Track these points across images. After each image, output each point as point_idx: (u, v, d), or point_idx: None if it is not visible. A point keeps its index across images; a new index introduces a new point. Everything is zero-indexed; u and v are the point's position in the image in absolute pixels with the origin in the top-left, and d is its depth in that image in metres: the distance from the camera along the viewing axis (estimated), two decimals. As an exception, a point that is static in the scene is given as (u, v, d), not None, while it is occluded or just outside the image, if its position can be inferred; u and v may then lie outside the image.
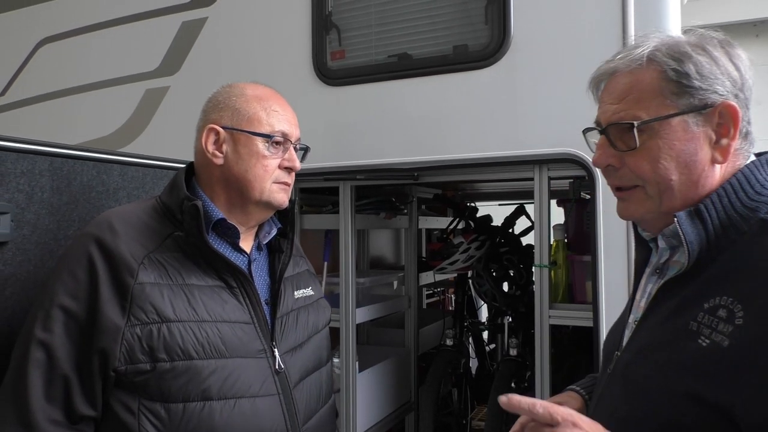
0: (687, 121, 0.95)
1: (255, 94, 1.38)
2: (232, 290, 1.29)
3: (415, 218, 3.42)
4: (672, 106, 0.95)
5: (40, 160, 1.46)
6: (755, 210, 0.92)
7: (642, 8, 2.06)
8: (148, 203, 1.34)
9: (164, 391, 1.17)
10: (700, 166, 0.95)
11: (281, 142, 1.35)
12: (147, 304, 1.18)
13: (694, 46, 0.97)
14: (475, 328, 3.81)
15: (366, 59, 2.54)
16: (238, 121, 1.34)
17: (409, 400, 3.33)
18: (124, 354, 1.15)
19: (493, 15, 2.31)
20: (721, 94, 0.94)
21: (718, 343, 0.86)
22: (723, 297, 0.88)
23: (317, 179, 2.64)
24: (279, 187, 1.36)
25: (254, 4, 2.72)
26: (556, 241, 2.45)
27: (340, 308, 2.68)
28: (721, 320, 0.87)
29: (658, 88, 0.96)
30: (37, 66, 3.31)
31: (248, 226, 1.38)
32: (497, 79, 2.28)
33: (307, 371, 1.40)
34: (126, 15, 3.01)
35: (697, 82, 0.94)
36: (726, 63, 0.96)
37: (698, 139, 0.95)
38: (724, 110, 0.94)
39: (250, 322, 1.29)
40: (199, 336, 1.20)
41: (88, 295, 1.17)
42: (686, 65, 0.95)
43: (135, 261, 1.20)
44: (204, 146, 1.33)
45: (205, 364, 1.19)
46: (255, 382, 1.25)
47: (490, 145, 2.28)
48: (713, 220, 0.94)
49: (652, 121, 0.96)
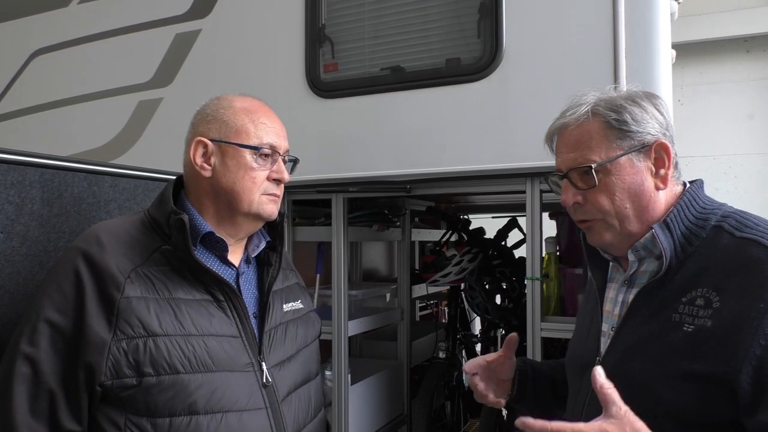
0: (632, 158, 1.17)
1: (243, 106, 1.38)
2: (220, 304, 1.28)
3: (407, 231, 3.42)
4: (618, 148, 1.17)
5: (31, 171, 1.46)
6: (706, 220, 1.15)
7: (632, 23, 2.08)
8: (137, 217, 1.34)
9: (150, 405, 1.16)
10: (647, 194, 1.18)
11: (269, 154, 1.36)
12: (133, 318, 1.17)
13: (626, 99, 1.20)
14: (468, 341, 3.80)
15: (359, 72, 2.55)
16: (226, 133, 1.34)
17: (401, 412, 3.31)
18: (110, 368, 1.15)
19: (485, 28, 2.32)
20: (653, 134, 1.17)
21: (702, 326, 1.05)
22: (699, 289, 1.09)
23: (310, 191, 2.64)
24: (268, 199, 1.36)
25: (248, 16, 2.73)
26: (548, 253, 2.45)
27: (333, 320, 2.67)
28: (700, 308, 1.07)
29: (604, 135, 1.18)
30: (30, 77, 3.31)
31: (237, 238, 1.38)
32: (489, 92, 2.29)
33: (295, 384, 1.40)
34: (120, 27, 3.02)
35: (634, 126, 1.17)
36: (652, 110, 1.19)
37: (642, 172, 1.18)
38: (658, 147, 1.17)
39: (238, 336, 1.28)
40: (185, 350, 1.20)
41: (75, 309, 1.17)
42: (623, 115, 1.17)
43: (121, 275, 1.20)
44: (192, 159, 1.33)
45: (191, 378, 1.19)
46: (242, 396, 1.24)
47: (483, 158, 2.29)
48: (678, 230, 1.15)
49: (606, 162, 1.17)
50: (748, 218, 1.13)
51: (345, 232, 2.68)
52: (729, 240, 1.10)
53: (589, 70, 2.12)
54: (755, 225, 1.10)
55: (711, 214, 1.16)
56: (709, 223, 1.14)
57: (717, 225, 1.13)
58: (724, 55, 6.64)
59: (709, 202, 1.19)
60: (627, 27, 2.08)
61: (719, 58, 6.65)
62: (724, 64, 6.64)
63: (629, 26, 2.08)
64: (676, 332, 1.08)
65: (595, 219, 1.22)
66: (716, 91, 6.58)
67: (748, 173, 6.45)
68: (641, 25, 2.08)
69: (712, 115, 6.55)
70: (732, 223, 1.12)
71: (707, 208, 1.17)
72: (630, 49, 2.08)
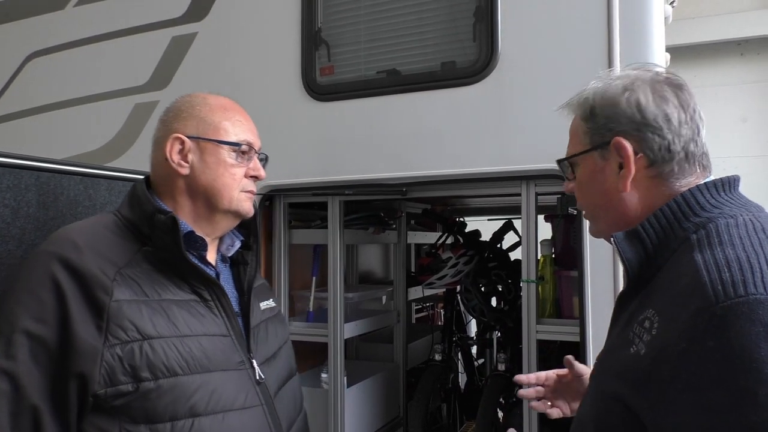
0: (594, 156, 1.10)
1: (218, 103, 1.37)
2: (207, 303, 1.27)
3: (403, 233, 3.42)
4: (585, 144, 1.12)
5: (27, 174, 1.46)
6: (687, 230, 1.00)
7: (627, 26, 2.09)
8: (107, 218, 1.30)
9: (149, 411, 1.13)
10: (610, 194, 1.09)
11: (246, 151, 1.35)
12: (126, 321, 1.13)
13: (596, 92, 1.11)
14: (464, 343, 3.80)
15: (355, 75, 2.56)
16: (204, 130, 1.32)
17: (397, 415, 3.31)
18: (104, 376, 1.10)
19: (481, 32, 2.33)
20: (618, 131, 1.06)
21: (638, 351, 0.94)
22: (649, 310, 0.96)
23: (306, 194, 2.64)
24: (246, 196, 1.36)
25: (244, 19, 2.73)
26: (544, 256, 2.46)
27: (329, 323, 2.67)
28: (645, 330, 0.95)
29: (575, 130, 1.15)
30: (25, 80, 3.30)
31: (213, 237, 1.37)
32: (485, 95, 2.30)
33: (282, 380, 1.41)
34: (116, 30, 3.01)
35: (595, 123, 1.10)
36: (622, 104, 1.07)
37: (605, 171, 1.09)
38: (616, 145, 1.06)
39: (228, 335, 1.27)
40: (182, 351, 1.17)
41: (57, 317, 1.11)
42: (586, 110, 1.11)
43: (107, 278, 1.15)
44: (168, 156, 1.30)
45: (190, 380, 1.17)
46: (240, 395, 1.24)
47: (478, 161, 2.30)
48: (651, 239, 1.03)
49: (571, 157, 1.15)
50: (722, 234, 0.94)
51: (341, 235, 2.68)
52: (686, 259, 0.94)
53: (584, 74, 2.11)
54: (718, 243, 0.93)
55: (696, 223, 1.00)
56: (687, 233, 0.99)
57: (689, 238, 0.98)
58: (718, 58, 6.68)
59: (714, 206, 1.01)
60: (621, 30, 2.09)
61: (713, 61, 6.68)
62: (717, 68, 6.68)
63: (624, 30, 2.09)
64: (625, 351, 0.98)
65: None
66: (710, 94, 6.61)
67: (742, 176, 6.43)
68: (635, 28, 2.09)
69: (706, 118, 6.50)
70: (701, 237, 0.96)
71: (701, 215, 1.00)
72: (624, 53, 2.09)
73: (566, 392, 1.44)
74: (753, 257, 0.87)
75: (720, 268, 0.87)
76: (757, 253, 0.88)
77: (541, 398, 1.46)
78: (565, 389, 1.44)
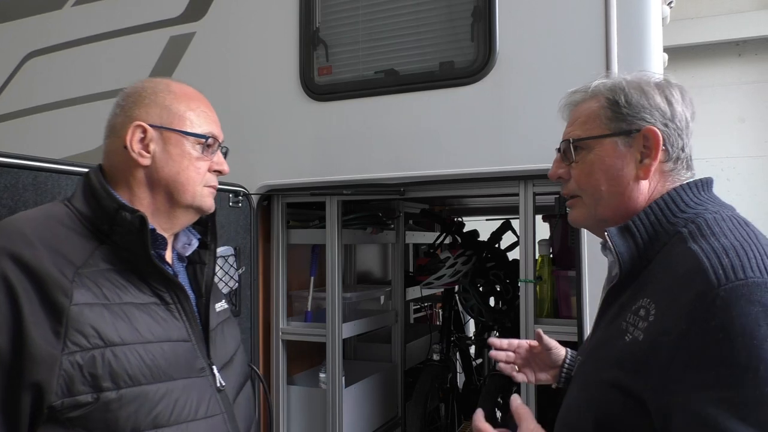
0: (617, 141, 1.14)
1: (183, 92, 1.29)
2: (168, 306, 1.19)
3: (402, 233, 3.42)
4: (605, 128, 1.15)
5: (24, 174, 1.46)
6: (675, 225, 1.08)
7: (625, 27, 2.10)
8: (59, 210, 1.19)
9: (110, 423, 1.05)
10: (625, 181, 1.13)
11: (212, 144, 1.28)
12: (87, 327, 1.04)
13: (629, 82, 1.16)
14: (462, 343, 3.80)
15: (353, 75, 2.56)
16: (169, 119, 1.24)
17: (396, 415, 3.31)
18: (61, 386, 1.01)
19: (478, 32, 2.33)
20: (648, 121, 1.12)
21: (636, 338, 1.00)
22: (644, 299, 1.03)
23: (304, 194, 2.64)
24: (209, 191, 1.29)
25: (242, 19, 2.73)
26: (542, 256, 2.46)
27: (327, 323, 2.68)
28: (640, 318, 1.01)
29: (596, 114, 1.17)
30: (23, 79, 3.30)
31: (170, 233, 1.29)
32: (483, 95, 2.30)
33: (240, 386, 1.36)
34: (113, 29, 3.01)
35: (626, 110, 1.13)
36: (656, 97, 1.13)
37: (625, 157, 1.13)
38: (647, 134, 1.11)
39: (189, 340, 1.21)
40: (146, 359, 1.10)
41: (10, 321, 1.01)
42: (618, 96, 1.14)
43: (66, 279, 1.06)
44: (129, 145, 1.21)
45: (154, 389, 1.10)
46: (202, 403, 1.18)
47: (476, 161, 2.30)
48: (641, 234, 1.09)
49: (587, 139, 1.16)
50: (712, 226, 1.02)
51: (339, 235, 2.68)
52: (680, 249, 1.02)
53: (582, 73, 2.12)
54: (711, 235, 1.00)
55: (684, 219, 1.08)
56: (676, 228, 1.07)
57: (680, 231, 1.06)
58: (716, 58, 6.68)
59: (696, 204, 1.10)
60: (619, 30, 2.10)
61: (711, 61, 6.69)
62: (715, 68, 6.68)
63: (621, 30, 2.10)
64: (620, 341, 1.04)
65: (576, 196, 1.22)
66: (708, 94, 6.62)
67: (739, 176, 6.48)
68: (633, 28, 2.09)
69: (704, 118, 6.55)
70: (692, 230, 1.03)
71: (687, 211, 1.09)
72: (622, 53, 2.09)
73: (535, 362, 1.55)
74: (746, 245, 0.95)
75: (719, 254, 0.94)
76: (747, 242, 0.96)
77: (511, 363, 1.56)
78: (534, 359, 1.55)
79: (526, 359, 1.55)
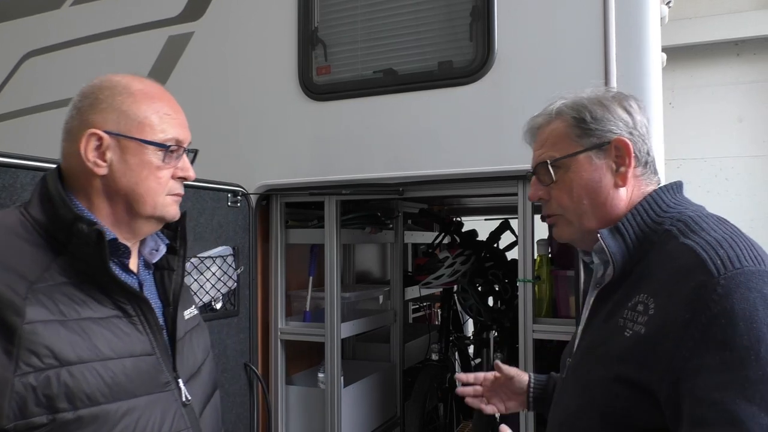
0: (591, 156, 1.20)
1: (144, 92, 1.18)
2: (131, 319, 1.12)
3: (400, 233, 3.42)
4: (578, 145, 1.21)
5: (23, 173, 1.46)
6: (661, 224, 1.14)
7: (623, 27, 2.10)
8: (11, 218, 1.11)
9: None
10: (605, 190, 1.19)
11: (175, 149, 1.18)
12: (40, 347, 0.98)
13: (590, 99, 1.22)
14: (461, 343, 3.80)
15: (352, 74, 2.56)
16: (127, 126, 1.14)
17: (394, 415, 3.31)
18: (13, 409, 0.96)
19: (477, 32, 2.34)
20: (615, 132, 1.19)
21: (637, 332, 1.05)
22: (641, 295, 1.08)
23: (302, 194, 2.64)
24: (172, 200, 1.21)
25: (240, 18, 2.73)
26: (540, 256, 2.46)
27: (325, 323, 2.67)
28: (639, 313, 1.06)
29: (565, 133, 1.22)
30: (21, 79, 3.30)
31: (134, 241, 1.22)
32: (481, 95, 2.30)
33: (207, 398, 1.30)
34: (112, 29, 3.01)
35: (593, 125, 1.19)
36: (618, 110, 1.20)
37: (601, 169, 1.19)
38: (618, 144, 1.18)
39: (153, 353, 1.14)
40: (105, 377, 1.04)
41: None
42: (583, 113, 1.20)
43: (17, 296, 0.99)
44: (84, 154, 1.12)
45: (114, 407, 1.04)
46: (167, 419, 1.12)
47: (475, 161, 2.30)
48: (630, 234, 1.15)
49: (563, 158, 1.21)
50: (698, 223, 1.09)
51: (338, 235, 2.68)
52: (673, 245, 1.08)
53: (580, 73, 2.14)
54: (700, 230, 1.07)
55: (668, 218, 1.14)
56: (663, 227, 1.13)
57: (668, 229, 1.12)
58: (715, 58, 6.68)
59: (675, 204, 1.17)
60: (617, 30, 2.10)
61: (710, 61, 6.69)
62: (714, 68, 6.69)
63: (620, 30, 2.10)
64: (619, 337, 1.08)
65: (557, 215, 1.26)
66: (707, 94, 6.62)
67: (738, 176, 6.49)
68: (632, 28, 2.09)
69: (703, 118, 6.60)
70: (680, 227, 1.10)
71: (669, 211, 1.15)
72: (620, 53, 2.09)
73: (502, 392, 1.60)
74: (735, 237, 1.03)
75: (714, 247, 1.01)
76: (734, 235, 1.04)
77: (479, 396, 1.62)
78: (501, 389, 1.60)
79: (493, 390, 1.60)
